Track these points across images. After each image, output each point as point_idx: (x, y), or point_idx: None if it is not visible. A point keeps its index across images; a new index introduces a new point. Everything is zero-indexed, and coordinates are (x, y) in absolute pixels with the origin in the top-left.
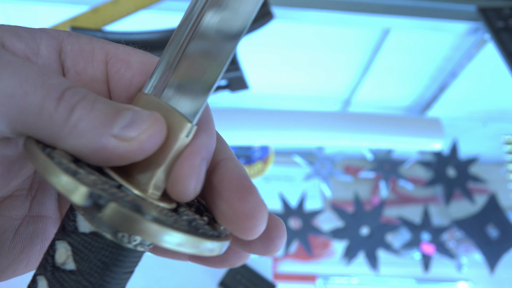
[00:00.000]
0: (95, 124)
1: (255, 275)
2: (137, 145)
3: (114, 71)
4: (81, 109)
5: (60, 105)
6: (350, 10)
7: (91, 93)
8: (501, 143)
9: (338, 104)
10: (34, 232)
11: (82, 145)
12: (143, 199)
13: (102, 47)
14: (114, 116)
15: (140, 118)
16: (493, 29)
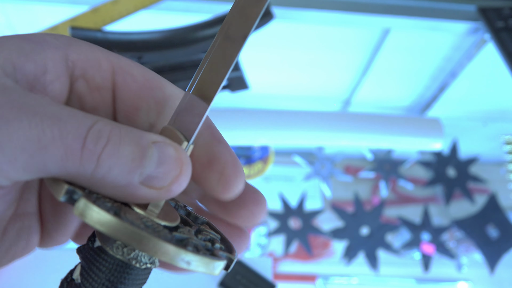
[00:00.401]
0: (123, 173)
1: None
2: (165, 193)
3: (121, 81)
4: (108, 157)
5: (85, 157)
6: (350, 10)
7: (115, 127)
8: (501, 143)
9: (338, 104)
10: (21, 228)
11: (109, 192)
12: (133, 211)
13: (106, 56)
14: (142, 160)
15: (168, 162)
16: (493, 29)
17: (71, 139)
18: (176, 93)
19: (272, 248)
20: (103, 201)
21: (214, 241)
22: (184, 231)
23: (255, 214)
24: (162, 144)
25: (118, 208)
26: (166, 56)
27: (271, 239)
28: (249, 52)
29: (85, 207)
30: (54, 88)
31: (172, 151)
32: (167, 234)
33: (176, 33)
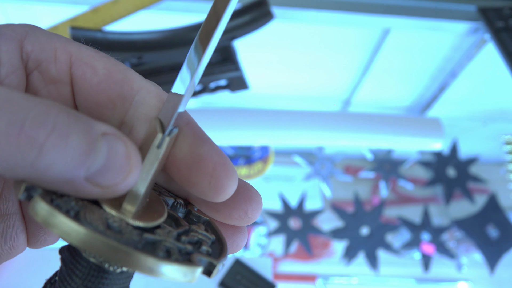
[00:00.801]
0: (67, 167)
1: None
2: (111, 193)
3: (79, 74)
4: (53, 147)
5: (24, 143)
6: (350, 10)
7: (61, 113)
8: (501, 143)
9: (338, 104)
10: (4, 229)
11: (51, 185)
12: (101, 209)
13: (64, 47)
14: (88, 154)
15: (116, 159)
16: (493, 29)
17: (10, 124)
18: (146, 86)
19: (272, 248)
20: (66, 199)
21: (202, 243)
22: (162, 233)
23: (248, 213)
24: (112, 137)
25: (82, 206)
26: (166, 56)
27: (271, 239)
28: (249, 52)
29: (37, 207)
30: (11, 81)
31: (121, 147)
32: (133, 237)
33: (176, 33)
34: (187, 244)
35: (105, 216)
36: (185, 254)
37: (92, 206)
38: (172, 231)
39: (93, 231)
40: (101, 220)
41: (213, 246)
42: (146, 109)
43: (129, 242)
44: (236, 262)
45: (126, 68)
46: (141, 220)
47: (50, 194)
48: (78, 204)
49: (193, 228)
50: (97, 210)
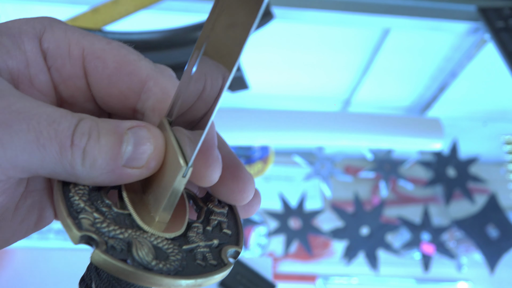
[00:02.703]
0: (106, 160)
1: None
2: (146, 171)
3: (92, 68)
4: (91, 149)
5: (74, 151)
6: (350, 10)
7: (94, 123)
8: (501, 143)
9: (338, 104)
10: (31, 204)
11: (100, 180)
12: (143, 232)
13: (77, 42)
14: (119, 146)
15: (142, 143)
16: (493, 29)
17: (64, 138)
18: (153, 76)
19: (272, 248)
20: (114, 239)
21: (222, 224)
22: (193, 235)
23: (236, 191)
24: (136, 128)
25: (130, 237)
26: (166, 56)
27: (271, 239)
28: (249, 52)
29: (99, 258)
30: (40, 80)
31: (145, 132)
32: (177, 256)
33: (176, 33)
34: (214, 239)
35: (150, 243)
36: (215, 249)
37: (138, 233)
38: (199, 227)
39: (145, 271)
40: (150, 252)
41: (228, 218)
42: (152, 101)
43: (176, 266)
44: (236, 262)
45: (136, 57)
46: (175, 229)
47: (101, 243)
48: (125, 235)
49: (210, 207)
50: (143, 239)
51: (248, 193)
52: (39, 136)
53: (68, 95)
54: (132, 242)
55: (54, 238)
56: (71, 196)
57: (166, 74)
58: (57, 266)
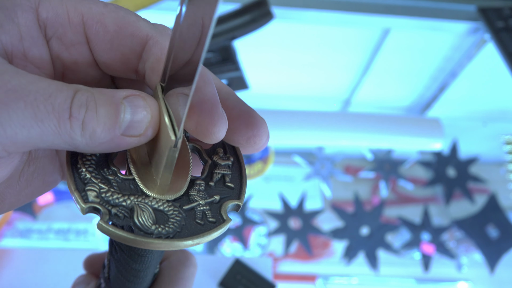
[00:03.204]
0: (105, 130)
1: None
2: (144, 138)
3: (93, 33)
4: (89, 121)
5: (73, 124)
6: (350, 10)
7: (90, 94)
8: (501, 143)
9: (338, 104)
10: (35, 170)
11: (100, 148)
12: (146, 196)
13: (75, 8)
14: (117, 116)
15: (139, 112)
16: (493, 29)
17: (62, 111)
18: (152, 36)
19: (272, 248)
20: (118, 207)
21: (225, 177)
22: (195, 193)
23: (251, 138)
24: (132, 97)
25: (131, 209)
26: None
27: (271, 239)
28: (249, 52)
29: (103, 228)
30: (34, 54)
31: (140, 101)
32: (176, 217)
33: None
34: (215, 194)
35: (151, 207)
36: (215, 205)
37: (140, 198)
38: (201, 184)
39: (144, 237)
40: (150, 217)
41: (233, 170)
42: (152, 61)
43: (175, 228)
44: (236, 262)
45: (135, 18)
46: (177, 190)
47: (104, 213)
48: (128, 202)
49: (215, 160)
50: (144, 204)
51: (263, 137)
52: (36, 112)
53: (71, 62)
54: (134, 209)
55: (54, 238)
56: (79, 167)
57: (165, 33)
58: (57, 266)
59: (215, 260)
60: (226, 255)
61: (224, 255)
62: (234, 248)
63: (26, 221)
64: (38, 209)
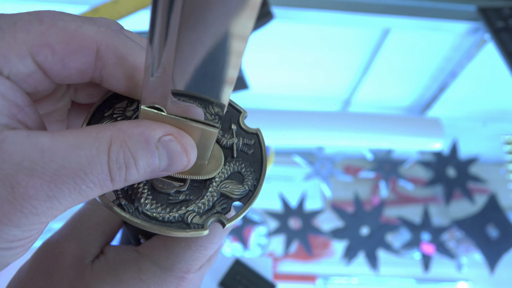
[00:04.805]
0: (146, 177)
1: (255, 275)
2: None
3: (42, 59)
4: (131, 176)
5: (115, 184)
6: (350, 10)
7: (125, 148)
8: (501, 143)
9: (338, 104)
10: None
11: None
12: None
13: (15, 38)
14: (154, 164)
15: (176, 159)
16: (493, 29)
17: (103, 182)
18: (99, 38)
19: (272, 248)
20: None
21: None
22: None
23: None
24: (166, 138)
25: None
26: None
27: (271, 239)
28: (249, 52)
29: (115, 211)
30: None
31: (176, 146)
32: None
33: None
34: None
35: (166, 194)
36: (206, 212)
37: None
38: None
39: (147, 223)
40: (160, 204)
41: (252, 161)
42: (109, 68)
43: (180, 228)
44: (236, 262)
45: (76, 25)
46: (209, 172)
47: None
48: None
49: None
50: (159, 189)
51: None
52: (81, 192)
53: (31, 90)
54: (150, 193)
55: None
56: None
57: (113, 34)
58: None
59: (215, 260)
60: (226, 255)
61: (224, 255)
62: (234, 248)
63: None
64: None
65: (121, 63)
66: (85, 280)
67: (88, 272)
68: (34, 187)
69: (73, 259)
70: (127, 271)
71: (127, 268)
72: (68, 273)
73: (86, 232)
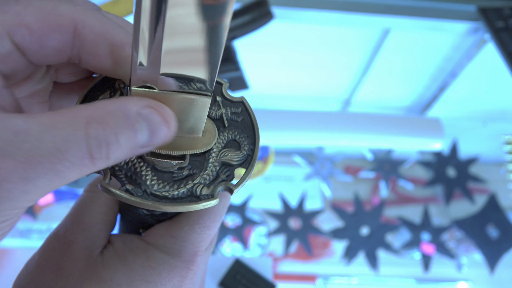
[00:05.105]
0: (128, 153)
1: (255, 275)
2: (163, 144)
3: (20, 39)
4: (114, 153)
5: (96, 163)
6: (350, 10)
7: (105, 125)
8: (501, 143)
9: (338, 104)
10: None
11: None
12: None
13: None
14: (135, 138)
15: (157, 130)
16: (493, 29)
17: (81, 160)
18: (76, 17)
19: (272, 248)
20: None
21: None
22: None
23: None
24: (145, 111)
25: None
26: None
27: (271, 239)
28: (249, 52)
29: (113, 194)
30: None
31: (156, 116)
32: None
33: None
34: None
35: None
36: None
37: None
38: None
39: (159, 203)
40: (166, 182)
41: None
42: (87, 47)
43: (176, 203)
44: (236, 262)
45: (52, 5)
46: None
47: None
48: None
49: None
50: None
51: None
52: (58, 174)
53: (9, 72)
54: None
55: None
56: None
57: (90, 12)
58: None
59: (215, 260)
60: (226, 255)
61: (224, 255)
62: (234, 248)
63: (26, 221)
64: (38, 209)
65: (99, 41)
66: (97, 271)
67: (99, 262)
68: (7, 168)
69: (83, 250)
70: (136, 260)
71: (137, 257)
72: (79, 264)
73: (91, 222)
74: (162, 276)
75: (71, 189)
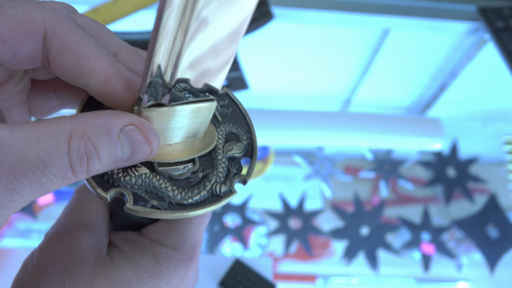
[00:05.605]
0: (109, 167)
1: (255, 275)
2: (146, 160)
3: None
4: (93, 167)
5: (77, 175)
6: (350, 10)
7: (86, 139)
8: (501, 143)
9: (338, 104)
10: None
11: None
12: None
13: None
14: (117, 154)
15: (139, 149)
16: (493, 29)
17: (63, 173)
18: (48, 23)
19: (272, 248)
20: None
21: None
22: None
23: None
24: (128, 128)
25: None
26: None
27: (271, 239)
28: (249, 52)
29: (138, 213)
30: None
31: (138, 135)
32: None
33: None
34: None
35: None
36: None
37: (153, 174)
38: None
39: (188, 211)
40: (186, 189)
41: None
42: (54, 55)
43: (179, 209)
44: (236, 262)
45: (24, 11)
46: (194, 151)
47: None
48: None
49: None
50: (157, 179)
51: None
52: (42, 184)
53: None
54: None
55: None
56: None
57: (62, 19)
58: None
59: (215, 260)
60: (226, 255)
61: (224, 255)
62: (234, 248)
63: (26, 221)
64: (38, 209)
65: (66, 51)
66: (107, 270)
67: (108, 262)
68: None
69: (91, 250)
70: (144, 258)
71: (143, 255)
72: (88, 264)
73: (93, 220)
74: (169, 270)
75: (71, 189)
